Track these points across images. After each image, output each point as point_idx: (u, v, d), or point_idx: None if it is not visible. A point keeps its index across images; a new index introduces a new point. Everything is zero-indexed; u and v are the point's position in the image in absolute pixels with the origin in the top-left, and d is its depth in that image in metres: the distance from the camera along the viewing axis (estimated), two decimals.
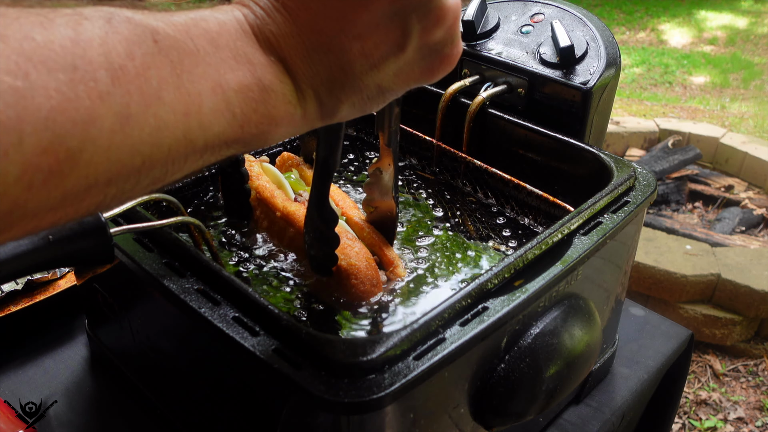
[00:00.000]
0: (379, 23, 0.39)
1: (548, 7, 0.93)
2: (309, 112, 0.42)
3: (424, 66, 0.43)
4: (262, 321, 0.54)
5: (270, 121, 0.39)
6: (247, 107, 0.38)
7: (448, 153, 0.93)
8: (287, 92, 0.40)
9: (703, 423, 2.12)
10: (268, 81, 0.39)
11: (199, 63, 0.36)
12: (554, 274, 0.61)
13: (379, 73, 0.41)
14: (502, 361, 0.59)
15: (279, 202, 0.75)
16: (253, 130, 0.39)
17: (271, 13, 0.39)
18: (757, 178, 3.19)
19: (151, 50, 0.33)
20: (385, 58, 0.41)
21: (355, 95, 0.42)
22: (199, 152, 0.37)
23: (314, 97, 0.41)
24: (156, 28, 0.34)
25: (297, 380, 0.48)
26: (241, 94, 0.37)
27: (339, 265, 0.68)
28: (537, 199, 0.84)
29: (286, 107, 0.40)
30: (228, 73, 0.37)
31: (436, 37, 0.42)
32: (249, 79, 0.38)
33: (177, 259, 0.61)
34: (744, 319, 2.32)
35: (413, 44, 0.41)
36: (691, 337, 0.98)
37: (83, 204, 0.33)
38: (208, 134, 0.36)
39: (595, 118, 0.87)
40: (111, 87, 0.31)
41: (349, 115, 0.44)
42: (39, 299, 0.87)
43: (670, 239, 2.49)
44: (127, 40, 0.33)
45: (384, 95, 0.44)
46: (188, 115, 0.35)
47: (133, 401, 0.80)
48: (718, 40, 6.11)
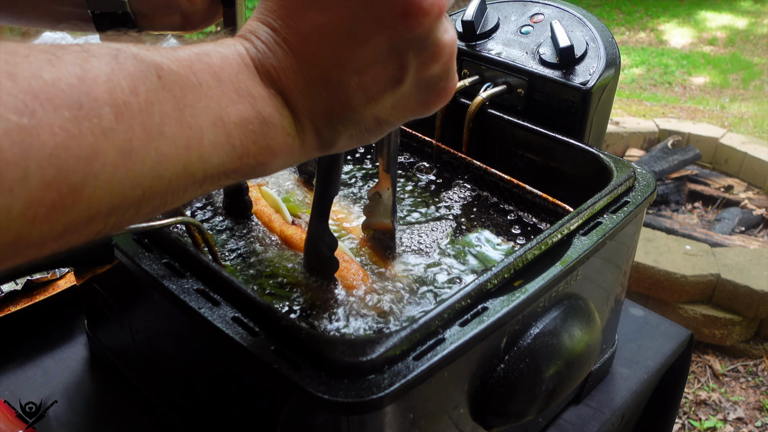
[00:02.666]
0: (377, 58, 0.40)
1: (548, 7, 0.94)
2: (307, 144, 0.43)
3: (420, 99, 0.44)
4: (261, 321, 0.54)
5: (269, 152, 0.40)
6: (246, 139, 0.38)
7: (447, 153, 0.93)
8: (286, 124, 0.41)
9: (703, 423, 2.12)
10: (267, 114, 0.39)
11: (202, 97, 0.36)
12: (554, 275, 0.61)
13: (376, 106, 0.42)
14: (502, 361, 0.59)
15: (276, 227, 0.76)
16: (251, 161, 0.39)
17: (272, 48, 0.40)
18: (757, 179, 3.19)
19: (155, 86, 0.34)
20: (382, 92, 0.42)
21: (353, 127, 0.43)
22: (199, 183, 0.38)
23: (313, 129, 0.42)
24: (161, 64, 0.35)
25: (297, 380, 0.48)
26: (241, 127, 0.38)
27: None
28: (536, 200, 0.84)
29: (285, 139, 0.41)
30: (229, 106, 0.38)
31: (433, 71, 0.43)
32: (249, 112, 0.38)
33: (177, 260, 0.61)
34: (743, 320, 2.32)
35: (410, 78, 0.42)
36: (690, 338, 0.98)
37: (84, 233, 0.34)
38: (207, 166, 0.37)
39: (595, 118, 0.87)
40: (114, 123, 0.32)
41: (347, 146, 0.45)
42: (39, 299, 0.87)
43: (669, 239, 2.49)
44: (132, 76, 0.34)
45: (381, 127, 0.45)
46: (189, 148, 0.36)
47: (132, 401, 0.80)
48: (717, 41, 6.11)
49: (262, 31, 0.41)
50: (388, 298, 0.71)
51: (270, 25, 0.41)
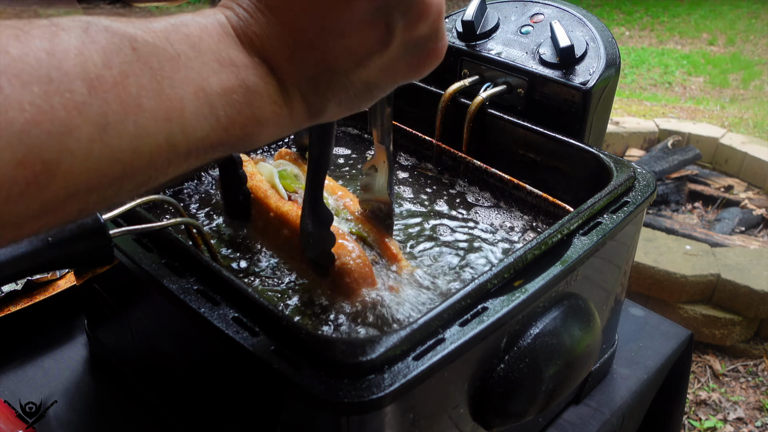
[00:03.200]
0: (362, 20, 0.39)
1: (548, 7, 0.94)
2: (296, 112, 0.42)
3: (410, 61, 0.43)
4: (261, 321, 0.54)
5: (256, 122, 0.39)
6: (231, 110, 0.38)
7: (447, 153, 0.93)
8: (272, 93, 0.40)
9: (703, 423, 2.12)
10: (252, 82, 0.39)
11: (181, 68, 0.36)
12: (554, 275, 0.61)
13: (365, 70, 0.41)
14: (502, 361, 0.59)
15: (272, 202, 0.75)
16: (238, 132, 0.39)
17: (254, 14, 0.39)
18: (757, 179, 3.19)
19: (129, 58, 0.33)
20: (370, 55, 0.41)
21: (342, 93, 0.42)
22: (183, 156, 0.37)
23: (300, 97, 0.41)
24: (134, 35, 0.34)
25: (297, 380, 0.49)
26: (224, 97, 0.37)
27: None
28: (537, 199, 0.84)
29: (271, 108, 0.40)
30: (211, 76, 0.37)
31: (421, 32, 0.42)
32: (233, 82, 0.38)
33: (176, 260, 0.61)
34: (743, 320, 2.32)
35: (398, 40, 0.41)
36: (690, 338, 0.98)
37: (64, 212, 0.33)
38: (191, 139, 0.36)
39: (595, 118, 0.87)
40: (88, 97, 0.31)
41: (337, 113, 0.44)
42: (39, 299, 0.87)
43: (669, 239, 2.49)
44: (105, 49, 0.33)
45: (371, 92, 0.44)
46: (170, 120, 0.35)
47: (132, 401, 0.80)
48: (717, 40, 6.11)
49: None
50: (390, 297, 0.71)
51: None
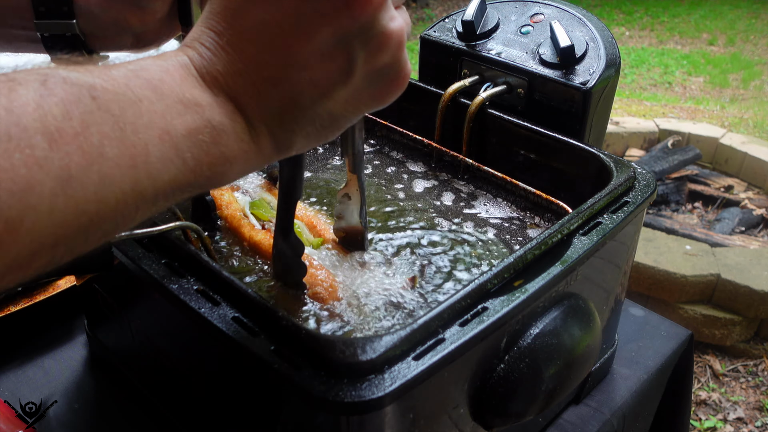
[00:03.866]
0: (323, 52, 0.39)
1: (548, 7, 0.94)
2: (264, 148, 0.42)
3: (373, 91, 0.43)
4: (261, 321, 0.54)
5: (224, 161, 0.39)
6: (198, 150, 0.37)
7: (446, 154, 0.93)
8: (239, 130, 0.40)
9: (703, 423, 2.12)
10: (217, 121, 0.38)
11: (143, 113, 0.35)
12: (554, 275, 0.61)
13: (329, 101, 0.42)
14: (502, 361, 0.59)
15: (246, 232, 0.76)
16: (206, 172, 0.38)
17: (217, 53, 0.39)
18: (757, 179, 3.19)
19: (89, 107, 0.33)
20: (333, 86, 0.41)
21: (309, 125, 0.43)
22: (151, 201, 0.37)
23: (267, 132, 0.41)
24: (93, 84, 0.34)
25: (297, 380, 0.49)
26: (190, 138, 0.37)
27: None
28: (536, 200, 0.84)
29: (239, 145, 0.40)
30: (175, 118, 0.37)
31: (382, 61, 0.42)
32: (198, 122, 0.37)
33: (176, 260, 0.61)
34: (744, 320, 2.32)
35: (360, 70, 0.41)
36: (690, 338, 0.98)
37: (30, 268, 0.33)
38: (158, 183, 0.36)
39: (595, 118, 0.87)
40: (49, 151, 0.31)
41: (305, 146, 0.44)
42: (39, 299, 0.87)
43: (669, 239, 2.49)
44: (64, 101, 0.32)
45: (337, 123, 0.44)
46: (135, 167, 0.34)
47: (132, 401, 0.80)
48: (717, 40, 6.11)
49: (205, 37, 0.40)
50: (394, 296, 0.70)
51: (213, 29, 0.40)
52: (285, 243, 0.64)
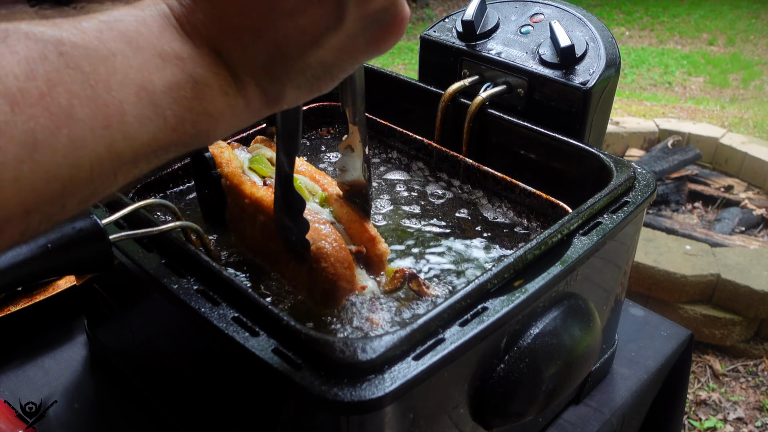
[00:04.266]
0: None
1: (548, 7, 0.94)
2: (252, 102, 0.39)
3: (368, 37, 0.40)
4: (261, 321, 0.54)
5: (209, 118, 0.37)
6: (179, 107, 0.35)
7: (446, 154, 0.93)
8: (223, 84, 0.37)
9: (703, 423, 2.12)
10: (200, 75, 0.36)
11: (117, 69, 0.33)
12: (554, 275, 0.61)
13: (320, 50, 0.39)
14: (502, 361, 0.59)
15: (247, 189, 0.73)
16: (190, 130, 0.36)
17: (198, 0, 0.37)
18: (757, 179, 3.19)
19: (56, 65, 0.31)
20: (323, 33, 0.38)
21: (299, 77, 0.40)
22: (129, 163, 0.35)
23: (255, 85, 0.39)
24: (61, 38, 0.32)
25: (297, 380, 0.49)
26: (170, 95, 0.35)
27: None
28: (536, 200, 0.84)
29: (225, 100, 0.38)
30: (153, 74, 0.34)
31: (376, 5, 0.39)
32: (179, 77, 0.35)
33: (176, 260, 0.61)
34: (744, 320, 2.32)
35: (352, 15, 0.38)
36: (690, 338, 0.98)
37: (3, 237, 0.31)
38: (136, 144, 0.34)
39: (595, 118, 0.87)
40: (10, 115, 0.29)
41: (297, 98, 0.42)
42: (39, 299, 0.87)
43: (669, 239, 2.49)
44: (27, 58, 0.30)
45: (331, 73, 0.41)
46: (109, 127, 0.32)
47: (132, 401, 0.80)
48: (717, 40, 6.11)
49: None
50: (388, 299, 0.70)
51: None
52: (285, 200, 0.62)
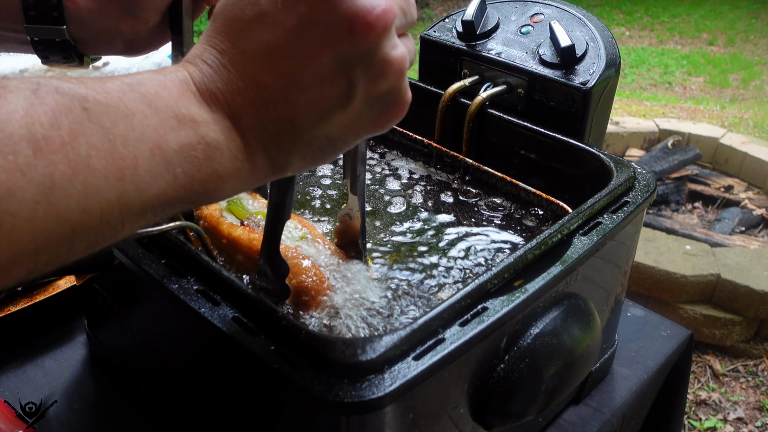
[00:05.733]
0: (325, 75, 0.40)
1: (548, 7, 0.94)
2: (259, 167, 0.42)
3: (373, 117, 0.43)
4: (261, 321, 0.54)
5: (216, 178, 0.39)
6: (190, 166, 0.38)
7: (446, 154, 0.93)
8: (234, 148, 0.40)
9: (703, 423, 2.12)
10: (212, 138, 0.39)
11: (135, 126, 0.35)
12: (554, 275, 0.61)
13: (327, 125, 0.42)
14: (502, 361, 0.59)
15: (224, 229, 0.74)
16: (197, 188, 0.39)
17: (218, 70, 0.40)
18: (757, 179, 3.19)
19: (79, 118, 0.33)
20: (332, 110, 0.41)
21: (306, 148, 0.43)
22: (137, 214, 0.36)
23: (263, 152, 0.42)
24: (86, 95, 0.34)
25: (297, 380, 0.49)
26: (182, 154, 0.37)
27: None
28: (536, 199, 0.84)
29: (233, 164, 0.40)
30: (168, 133, 0.37)
31: (383, 88, 0.42)
32: (192, 138, 0.38)
33: (176, 260, 0.61)
34: (744, 320, 2.32)
35: (360, 96, 0.41)
36: (690, 338, 0.98)
37: (11, 274, 0.33)
38: (145, 196, 0.36)
39: (595, 118, 0.87)
40: (33, 159, 0.31)
41: (300, 167, 0.44)
42: (39, 299, 0.87)
43: (669, 239, 2.49)
44: (54, 110, 0.32)
45: (335, 146, 0.44)
46: (122, 179, 0.34)
47: (132, 401, 0.80)
48: (717, 40, 6.11)
49: (208, 54, 0.40)
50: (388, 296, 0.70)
51: (216, 47, 0.40)
52: (270, 264, 0.63)
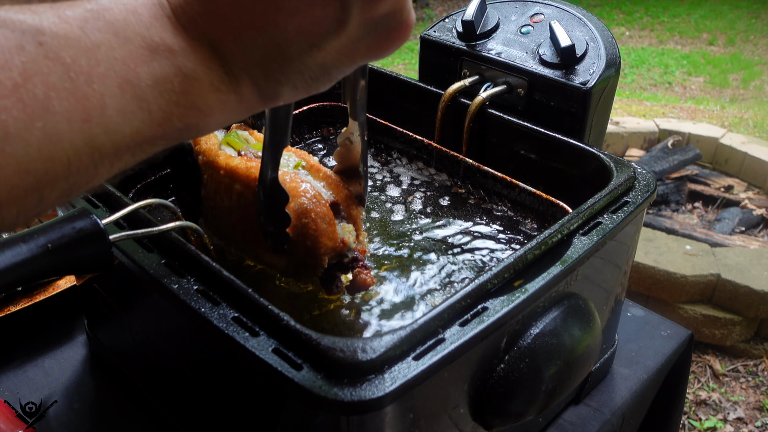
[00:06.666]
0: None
1: (548, 7, 0.94)
2: (246, 98, 0.38)
3: (370, 42, 0.39)
4: (262, 321, 0.54)
5: (197, 112, 0.36)
6: (166, 102, 0.34)
7: (446, 154, 0.93)
8: (215, 79, 0.36)
9: (703, 423, 2.12)
10: (189, 69, 0.35)
11: (101, 60, 0.32)
12: (554, 275, 0.61)
13: (320, 52, 0.38)
14: (502, 361, 0.59)
15: (222, 161, 0.72)
16: (177, 124, 0.35)
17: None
18: (757, 179, 3.19)
19: (33, 55, 0.30)
20: (324, 36, 0.37)
21: (297, 77, 0.39)
22: (110, 157, 0.34)
23: (250, 82, 0.38)
24: (41, 28, 0.31)
25: (297, 380, 0.49)
26: (157, 89, 0.34)
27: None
28: (536, 200, 0.84)
29: (215, 96, 0.37)
30: (139, 66, 0.33)
31: (381, 10, 0.38)
32: (167, 70, 0.34)
33: (176, 260, 0.61)
34: (744, 320, 2.32)
35: (355, 19, 0.37)
36: (690, 338, 0.98)
37: None
38: (117, 137, 0.33)
39: (595, 118, 0.87)
40: None
41: (293, 97, 0.41)
42: (39, 299, 0.87)
43: (669, 239, 2.49)
44: (2, 48, 0.29)
45: (329, 75, 0.40)
46: (88, 121, 0.31)
47: (132, 401, 0.80)
48: (717, 40, 6.11)
49: None
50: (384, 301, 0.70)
51: None
52: (269, 195, 0.60)
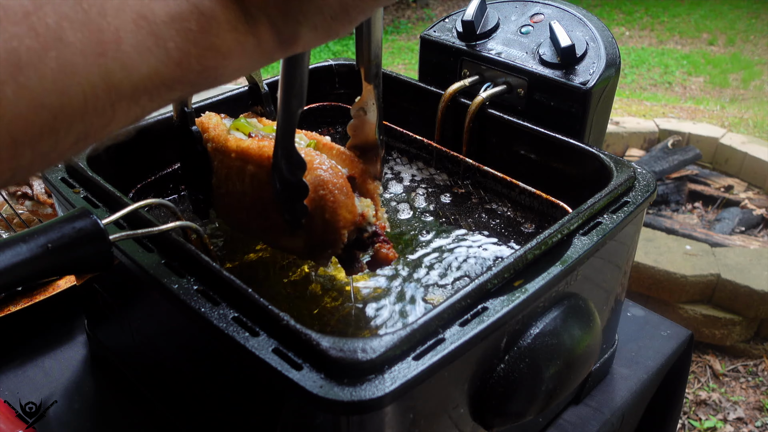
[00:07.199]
0: None
1: (548, 7, 0.94)
2: (264, 42, 0.37)
3: None
4: (262, 321, 0.54)
5: (216, 54, 0.35)
6: (183, 40, 0.33)
7: (446, 154, 0.93)
8: (232, 19, 0.35)
9: (703, 423, 2.12)
10: (206, 7, 0.34)
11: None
12: (554, 275, 0.61)
13: None
14: (502, 361, 0.59)
15: (232, 144, 0.71)
16: (195, 66, 0.34)
17: None
18: (757, 179, 3.19)
19: None
20: None
21: (316, 16, 0.37)
22: (129, 98, 0.32)
23: (268, 23, 0.37)
24: None
25: (297, 380, 0.49)
26: (173, 26, 0.33)
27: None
28: (536, 200, 0.84)
29: (234, 36, 0.35)
30: (153, 1, 0.32)
31: None
32: (182, 7, 0.33)
33: (177, 260, 0.61)
34: (744, 320, 2.32)
35: None
36: (690, 338, 0.98)
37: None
38: (135, 76, 0.32)
39: (595, 118, 0.87)
40: None
41: (312, 40, 0.39)
42: (39, 299, 0.87)
43: (669, 239, 2.49)
44: None
45: (349, 14, 0.39)
46: (103, 55, 0.30)
47: (132, 401, 0.80)
48: (717, 40, 6.11)
49: None
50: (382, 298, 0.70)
51: None
52: (286, 162, 0.59)
